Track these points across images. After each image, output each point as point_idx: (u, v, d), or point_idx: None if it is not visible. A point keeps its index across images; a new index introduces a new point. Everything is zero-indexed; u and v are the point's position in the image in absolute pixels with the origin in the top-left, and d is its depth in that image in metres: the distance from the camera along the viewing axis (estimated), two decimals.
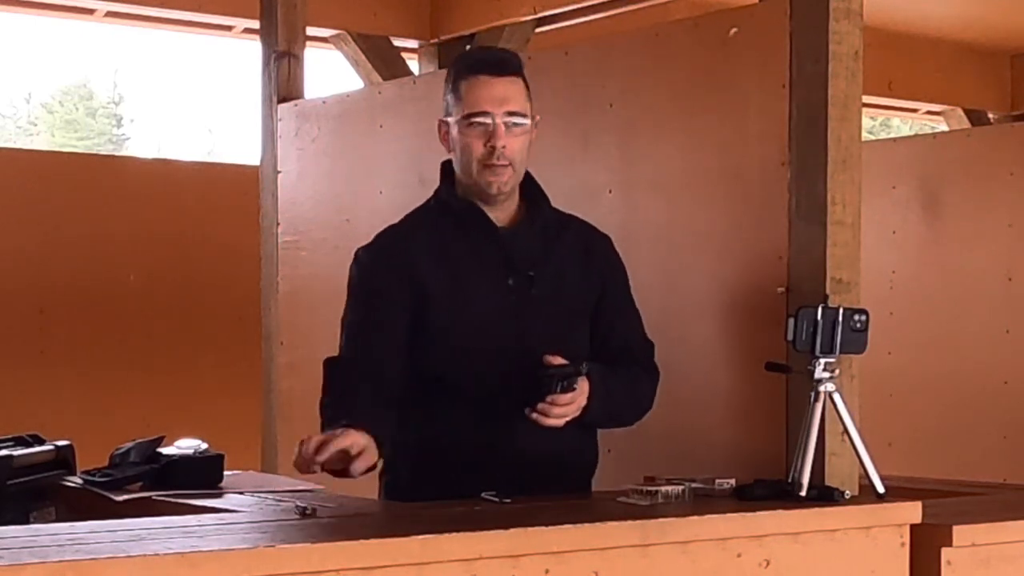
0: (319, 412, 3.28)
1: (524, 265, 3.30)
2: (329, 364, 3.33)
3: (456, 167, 3.34)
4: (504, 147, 3.24)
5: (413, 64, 6.69)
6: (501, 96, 3.26)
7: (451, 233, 3.32)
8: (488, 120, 3.25)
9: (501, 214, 3.33)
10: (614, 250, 3.47)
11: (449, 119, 3.31)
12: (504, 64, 3.32)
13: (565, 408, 3.16)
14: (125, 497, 3.27)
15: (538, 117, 3.34)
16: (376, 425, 3.10)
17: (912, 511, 3.18)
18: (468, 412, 3.22)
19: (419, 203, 3.48)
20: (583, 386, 3.18)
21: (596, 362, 3.26)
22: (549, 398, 3.14)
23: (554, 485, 3.24)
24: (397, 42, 6.58)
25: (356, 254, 3.41)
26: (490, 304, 3.27)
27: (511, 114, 3.26)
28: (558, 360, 3.15)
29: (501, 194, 3.29)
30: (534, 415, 3.14)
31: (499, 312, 3.26)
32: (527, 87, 3.32)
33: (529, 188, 3.38)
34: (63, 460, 3.61)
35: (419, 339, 3.25)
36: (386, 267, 3.33)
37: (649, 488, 3.13)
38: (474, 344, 3.23)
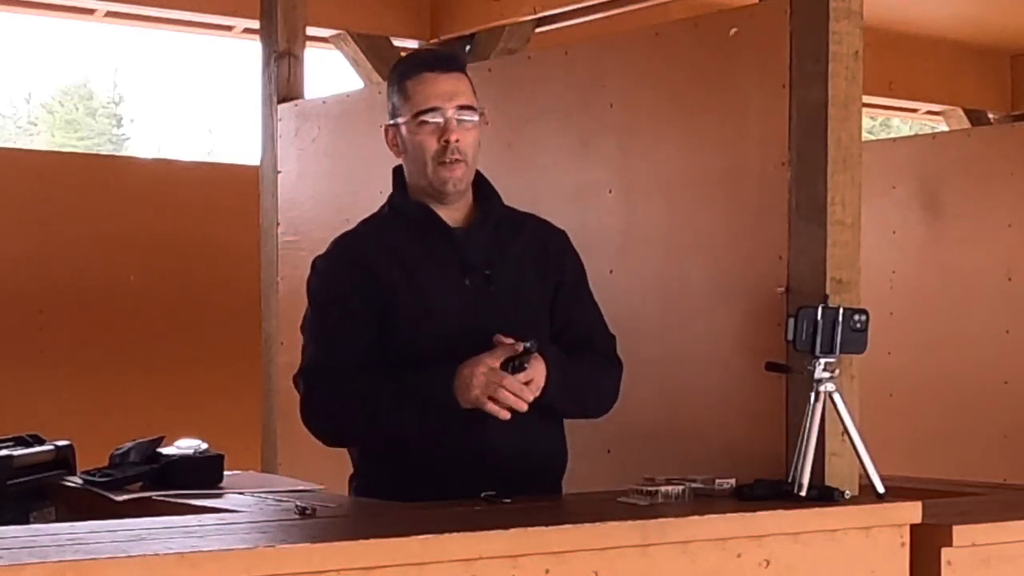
0: (331, 417, 3.26)
1: (480, 264, 3.29)
2: (310, 375, 3.28)
3: (408, 169, 3.33)
4: (457, 141, 3.24)
5: None
6: (450, 91, 3.26)
7: (406, 237, 3.31)
8: (439, 116, 3.24)
9: (455, 214, 3.32)
10: (571, 245, 3.45)
11: (398, 120, 3.30)
12: (449, 60, 3.34)
13: (521, 390, 3.12)
14: (125, 497, 3.27)
15: (486, 110, 3.33)
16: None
17: (912, 511, 3.18)
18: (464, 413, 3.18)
19: None
20: (537, 365, 3.14)
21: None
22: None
23: (523, 485, 3.20)
24: (397, 42, 6.58)
25: (313, 264, 3.39)
26: (449, 305, 3.25)
27: (461, 108, 3.26)
28: (508, 340, 3.12)
29: (456, 191, 3.28)
30: (491, 407, 3.10)
31: (458, 312, 3.24)
32: (471, 82, 3.32)
33: (481, 187, 3.37)
34: (63, 460, 3.61)
35: (382, 341, 3.24)
36: (345, 272, 3.31)
37: (649, 488, 3.13)
38: (435, 345, 3.19)
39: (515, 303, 3.30)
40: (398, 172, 3.39)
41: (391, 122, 3.33)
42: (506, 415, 3.11)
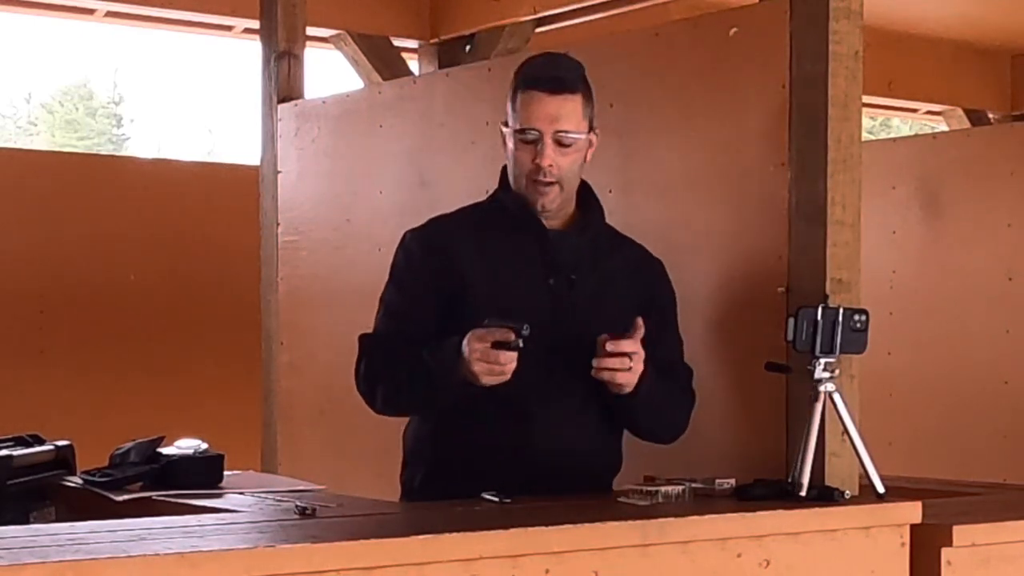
0: (371, 382, 3.31)
1: (567, 268, 3.31)
2: (368, 339, 3.36)
3: (509, 175, 3.36)
4: (551, 166, 3.26)
5: (413, 64, 6.69)
6: (553, 115, 3.27)
7: (499, 229, 3.34)
8: (537, 137, 3.26)
9: (554, 221, 3.35)
10: (666, 274, 3.47)
11: (505, 129, 3.33)
12: (560, 81, 3.30)
13: (621, 356, 3.13)
14: (125, 497, 3.27)
15: (597, 131, 3.35)
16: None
17: (912, 511, 3.18)
18: (495, 410, 3.20)
19: (419, 203, 3.49)
20: (638, 351, 3.17)
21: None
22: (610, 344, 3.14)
23: (572, 485, 3.23)
24: (397, 42, 6.58)
25: (404, 237, 3.43)
26: (527, 302, 3.26)
27: (560, 132, 3.27)
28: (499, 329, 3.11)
29: (546, 211, 3.31)
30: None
31: (536, 311, 3.22)
32: (586, 100, 3.32)
33: (586, 197, 3.40)
34: (63, 460, 3.61)
35: (453, 330, 3.23)
36: (429, 253, 3.35)
37: (649, 488, 3.13)
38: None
39: (595, 313, 3.29)
40: (505, 170, 3.41)
41: (502, 126, 3.36)
42: (503, 379, 3.11)
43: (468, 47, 6.46)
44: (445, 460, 3.31)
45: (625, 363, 3.17)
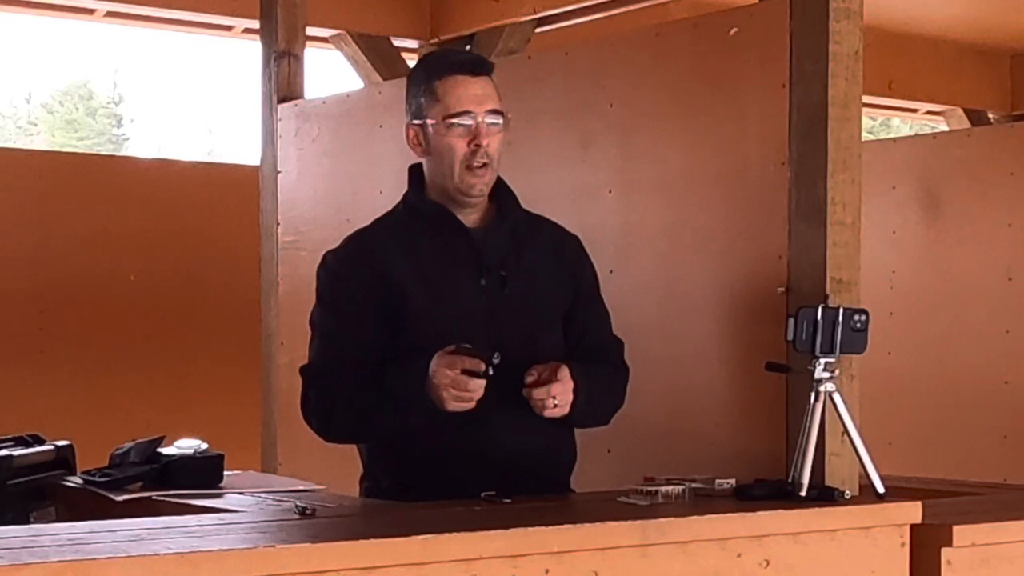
0: (325, 414, 3.26)
1: (496, 265, 3.28)
2: (312, 370, 3.30)
3: (432, 169, 3.32)
4: (487, 145, 3.24)
5: (413, 64, 6.69)
6: (481, 95, 3.27)
7: (422, 235, 3.30)
8: (470, 120, 3.24)
9: (472, 215, 3.32)
10: (584, 250, 3.46)
11: (425, 121, 3.28)
12: (480, 64, 3.33)
13: (552, 395, 3.13)
14: (125, 497, 3.27)
15: (510, 115, 3.33)
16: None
17: (912, 511, 3.18)
18: (452, 415, 3.15)
19: None
20: (565, 386, 3.16)
21: (574, 360, 3.24)
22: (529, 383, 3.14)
23: (532, 484, 3.21)
24: (397, 42, 6.58)
25: (324, 258, 3.38)
26: (463, 304, 3.25)
27: (491, 112, 3.26)
28: (469, 359, 3.10)
29: (480, 196, 3.28)
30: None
31: (472, 312, 3.23)
32: (496, 86, 3.32)
33: (499, 188, 3.36)
34: (63, 460, 3.61)
35: (392, 340, 3.23)
36: (356, 270, 3.31)
37: (649, 488, 3.13)
38: (447, 344, 3.15)
39: (529, 306, 3.29)
40: (415, 170, 3.38)
41: (415, 121, 3.31)
42: (469, 406, 3.10)
43: (468, 47, 6.46)
44: (406, 467, 3.27)
45: (550, 403, 3.16)
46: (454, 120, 3.25)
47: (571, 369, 3.19)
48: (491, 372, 3.07)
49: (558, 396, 3.16)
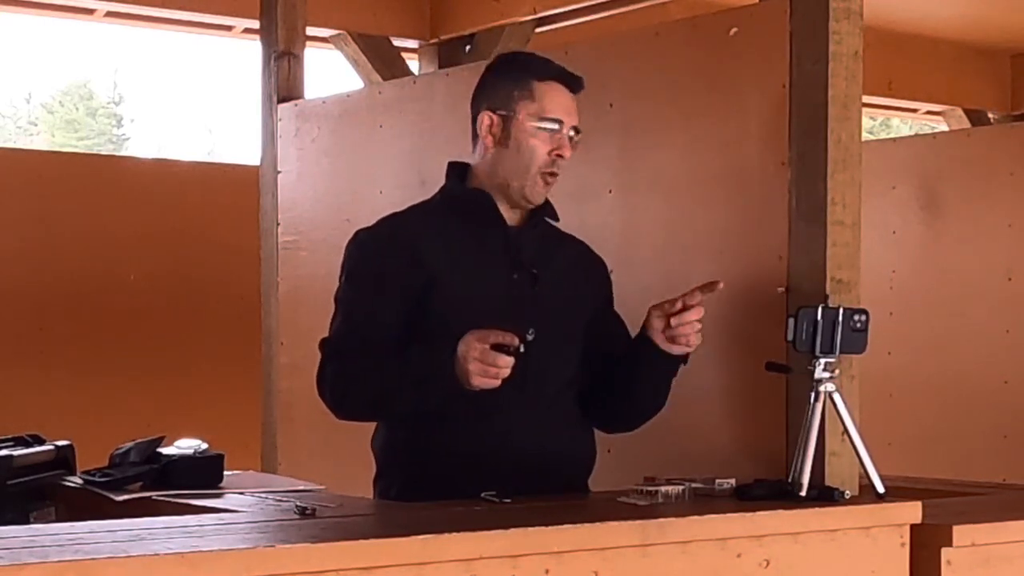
0: (341, 388, 3.24)
1: (528, 262, 3.29)
2: (331, 343, 3.28)
3: (497, 163, 3.29)
4: (565, 159, 3.27)
5: (413, 64, 6.69)
6: (571, 110, 3.30)
7: (458, 223, 3.30)
8: (559, 129, 3.26)
9: (511, 212, 3.33)
10: (608, 275, 3.51)
11: (513, 113, 3.27)
12: (579, 81, 3.35)
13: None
14: (125, 497, 3.27)
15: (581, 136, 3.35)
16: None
17: (912, 511, 3.18)
18: (466, 406, 3.15)
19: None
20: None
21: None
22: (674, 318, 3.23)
23: (551, 484, 3.22)
24: (397, 42, 6.58)
25: (356, 235, 3.36)
26: (493, 296, 3.24)
27: (575, 129, 3.30)
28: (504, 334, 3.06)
29: (538, 204, 3.31)
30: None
31: (501, 305, 3.23)
32: None
33: None
34: (63, 460, 3.61)
35: (419, 325, 3.22)
36: (389, 249, 3.29)
37: (649, 488, 3.13)
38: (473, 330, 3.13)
39: (556, 307, 3.30)
40: (456, 167, 3.38)
41: (500, 111, 3.29)
42: (494, 383, 3.06)
43: (468, 47, 6.47)
44: (422, 468, 3.26)
45: (696, 325, 3.24)
46: (545, 124, 3.26)
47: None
48: (522, 350, 3.04)
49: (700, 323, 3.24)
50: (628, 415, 3.44)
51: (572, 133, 3.29)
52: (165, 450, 3.48)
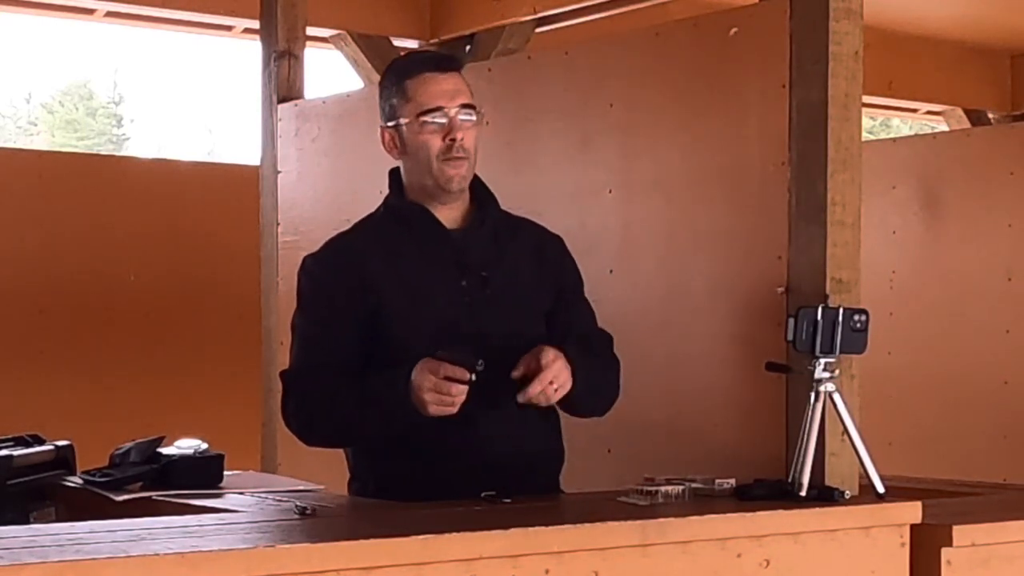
0: (307, 419, 3.25)
1: (477, 266, 3.28)
2: (292, 375, 3.29)
3: (409, 169, 3.32)
4: (462, 139, 3.24)
5: None
6: (452, 90, 3.27)
7: (401, 238, 3.30)
8: (442, 116, 3.24)
9: (452, 214, 3.31)
10: (566, 250, 3.45)
11: (399, 122, 3.28)
12: (448, 60, 3.35)
13: (548, 381, 3.09)
14: (125, 497, 3.27)
15: (483, 110, 3.33)
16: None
17: (912, 511, 3.18)
18: (438, 418, 3.12)
19: None
20: (562, 368, 3.13)
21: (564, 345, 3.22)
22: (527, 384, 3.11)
23: (521, 485, 3.20)
24: (397, 42, 6.58)
25: (304, 262, 3.38)
26: (445, 306, 3.24)
27: (463, 107, 3.26)
28: (454, 367, 3.06)
29: (460, 188, 3.28)
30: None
31: (454, 314, 3.23)
32: (467, 81, 3.33)
33: (478, 190, 3.36)
34: (63, 460, 3.61)
35: (375, 344, 3.22)
36: (336, 274, 3.30)
37: (649, 488, 3.13)
38: (429, 346, 3.13)
39: (511, 306, 3.29)
40: (395, 174, 3.38)
41: (389, 124, 3.31)
42: (451, 411, 3.07)
43: (468, 47, 6.46)
44: (394, 470, 3.26)
45: (549, 389, 3.14)
46: (427, 117, 3.25)
47: (564, 351, 3.16)
48: (474, 379, 3.05)
49: (553, 380, 3.13)
50: (580, 412, 3.40)
51: (463, 114, 3.25)
52: (165, 450, 3.48)
